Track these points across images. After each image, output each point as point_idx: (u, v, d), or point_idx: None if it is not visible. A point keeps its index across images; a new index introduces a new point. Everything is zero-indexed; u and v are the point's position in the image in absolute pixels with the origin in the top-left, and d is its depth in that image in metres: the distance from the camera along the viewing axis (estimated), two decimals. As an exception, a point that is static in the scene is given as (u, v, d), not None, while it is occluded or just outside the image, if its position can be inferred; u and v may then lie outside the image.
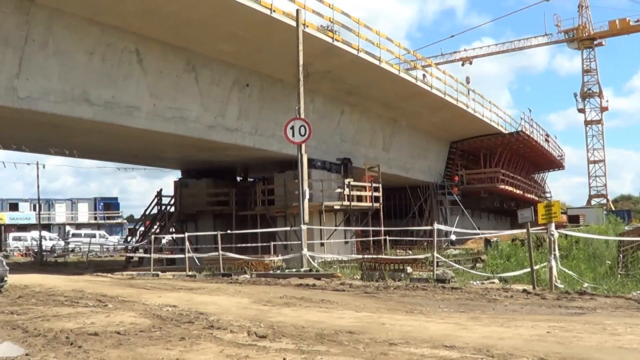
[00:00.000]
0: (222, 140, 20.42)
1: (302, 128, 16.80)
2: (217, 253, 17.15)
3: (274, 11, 17.03)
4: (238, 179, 30.03)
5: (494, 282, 12.33)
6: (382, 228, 24.21)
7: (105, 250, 38.02)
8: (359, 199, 24.92)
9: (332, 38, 19.71)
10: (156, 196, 28.66)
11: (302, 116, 17.09)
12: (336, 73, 21.78)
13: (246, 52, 19.19)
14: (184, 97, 18.83)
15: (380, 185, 26.02)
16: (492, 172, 36.74)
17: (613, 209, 55.26)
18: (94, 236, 40.42)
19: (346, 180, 24.04)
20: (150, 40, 17.31)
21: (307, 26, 18.19)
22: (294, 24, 17.76)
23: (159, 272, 18.32)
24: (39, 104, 15.11)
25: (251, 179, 30.13)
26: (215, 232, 18.39)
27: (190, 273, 16.94)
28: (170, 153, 24.60)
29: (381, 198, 25.85)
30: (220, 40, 18.14)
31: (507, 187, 37.65)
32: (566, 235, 14.83)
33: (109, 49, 16.42)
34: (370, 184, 25.27)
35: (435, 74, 28.47)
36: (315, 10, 18.90)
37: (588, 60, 62.87)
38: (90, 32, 15.88)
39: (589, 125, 63.94)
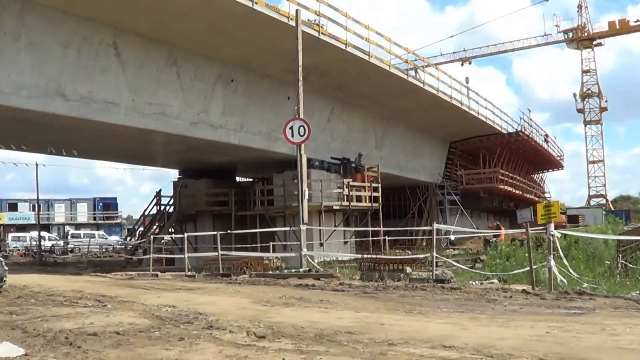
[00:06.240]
0: (205, 137, 20.05)
1: (302, 128, 16.82)
2: (216, 253, 17.16)
3: (256, 3, 16.71)
4: (237, 179, 30.01)
5: (493, 283, 12.33)
6: (382, 228, 24.20)
7: (104, 250, 37.97)
8: (358, 199, 24.90)
9: (319, 32, 19.46)
10: (155, 196, 28.65)
11: (302, 116, 17.10)
12: (324, 68, 21.44)
13: (230, 46, 18.86)
14: (165, 93, 18.47)
15: (380, 185, 26.00)
16: (491, 172, 36.77)
17: (612, 209, 55.30)
18: (93, 236, 40.39)
19: (345, 181, 24.02)
20: (129, 34, 16.99)
21: (292, 19, 17.83)
22: (277, 16, 17.61)
23: (158, 272, 18.30)
24: (11, 99, 14.76)
25: (250, 179, 30.11)
26: (215, 232, 18.39)
27: (189, 273, 16.94)
28: (155, 151, 24.38)
29: (380, 198, 25.84)
30: (202, 33, 17.81)
31: (506, 187, 37.67)
32: (565, 235, 14.83)
33: (85, 42, 16.08)
34: (369, 184, 25.25)
35: (429, 70, 28.39)
36: (301, 3, 18.45)
37: (587, 60, 62.93)
38: (65, 24, 15.53)
39: (588, 126, 64.00)
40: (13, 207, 52.53)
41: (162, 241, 26.38)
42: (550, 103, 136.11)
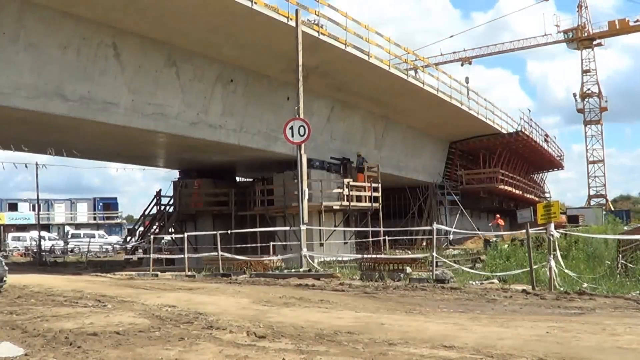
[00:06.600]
0: (205, 137, 20.01)
1: (302, 128, 16.84)
2: (216, 253, 17.16)
3: (256, 3, 16.67)
4: (237, 179, 30.02)
5: (493, 282, 12.34)
6: (382, 228, 24.20)
7: (104, 250, 37.97)
8: (358, 199, 24.90)
9: (318, 32, 19.43)
10: (155, 196, 28.66)
11: (302, 116, 17.11)
12: (324, 68, 21.38)
13: (229, 46, 18.84)
14: (165, 93, 18.45)
15: (380, 185, 26.00)
16: (491, 172, 36.74)
17: (612, 209, 55.33)
18: (93, 236, 40.35)
19: (345, 181, 24.02)
20: (128, 34, 16.97)
21: (292, 19, 17.79)
22: (277, 17, 17.59)
23: (158, 272, 18.31)
24: (10, 99, 14.77)
25: (250, 179, 30.12)
26: (215, 232, 18.39)
27: (189, 273, 16.94)
28: (155, 151, 24.32)
29: (380, 198, 25.84)
30: (201, 33, 17.79)
31: (506, 187, 37.66)
32: (565, 235, 14.84)
33: (84, 42, 16.07)
34: (369, 184, 25.25)
35: (429, 70, 28.40)
36: (301, 3, 18.40)
37: (587, 60, 62.95)
38: (64, 25, 15.52)
39: (588, 126, 64.04)
40: (13, 207, 52.54)
41: (162, 241, 26.39)
42: (562, 105, 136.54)
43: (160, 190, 28.94)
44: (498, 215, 30.31)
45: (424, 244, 26.87)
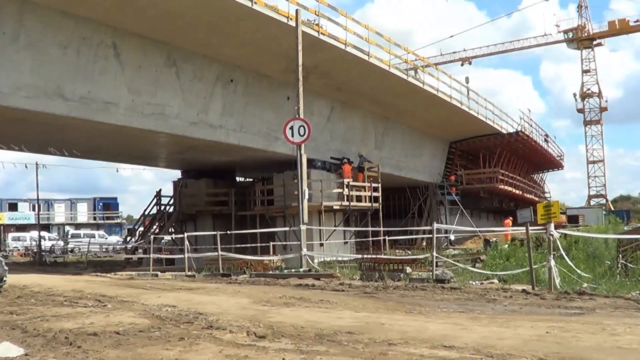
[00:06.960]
0: (204, 137, 20.02)
1: (302, 128, 16.84)
2: (216, 253, 17.16)
3: (256, 3, 16.66)
4: (237, 179, 30.03)
5: (493, 282, 12.34)
6: (382, 228, 24.19)
7: (104, 250, 37.97)
8: (358, 199, 24.90)
9: (318, 32, 19.44)
10: (155, 196, 28.67)
11: (302, 116, 17.11)
12: (324, 68, 21.39)
13: (229, 46, 18.85)
14: (165, 93, 18.46)
15: (380, 185, 25.99)
16: (491, 172, 36.73)
17: (612, 209, 55.33)
18: (93, 236, 40.35)
19: (345, 180, 24.01)
20: (128, 34, 16.99)
21: (292, 19, 17.79)
22: (277, 16, 17.59)
23: (158, 272, 18.33)
24: (10, 99, 14.78)
25: (250, 179, 30.13)
26: (215, 232, 18.40)
27: (189, 273, 16.95)
28: (155, 151, 24.31)
29: (380, 198, 25.83)
30: (201, 33, 17.79)
31: (506, 187, 37.66)
32: (565, 235, 14.83)
33: (84, 42, 16.09)
34: (369, 184, 25.25)
35: (429, 70, 28.37)
36: (300, 3, 18.34)
37: (587, 60, 62.93)
38: (64, 25, 15.53)
39: (588, 126, 64.02)
40: (13, 207, 52.54)
41: (162, 241, 26.39)
42: (573, 108, 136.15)
43: (160, 190, 29.01)
44: (511, 218, 29.91)
45: (424, 244, 26.86)
